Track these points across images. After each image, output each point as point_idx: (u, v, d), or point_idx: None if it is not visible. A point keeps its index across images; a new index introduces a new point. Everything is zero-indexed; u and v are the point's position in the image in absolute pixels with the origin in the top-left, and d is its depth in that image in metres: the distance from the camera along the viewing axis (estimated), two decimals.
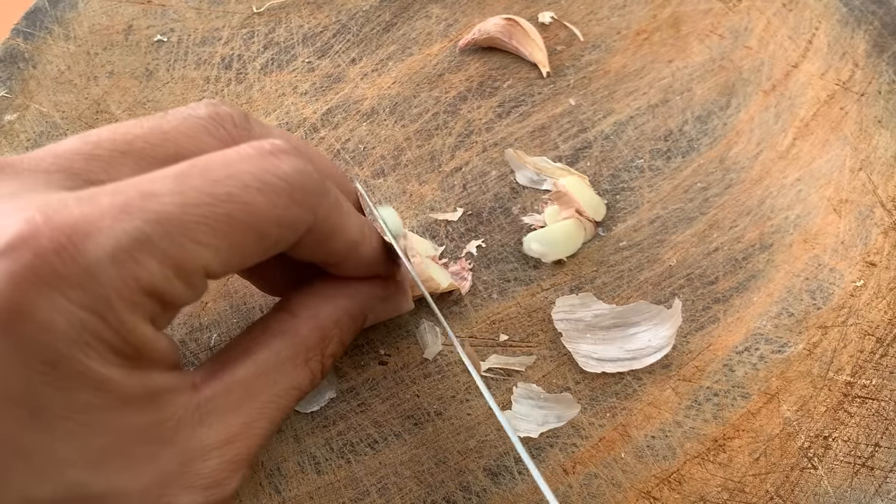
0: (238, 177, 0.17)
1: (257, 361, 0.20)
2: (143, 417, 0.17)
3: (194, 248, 0.16)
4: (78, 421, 0.16)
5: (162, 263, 0.16)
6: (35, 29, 0.35)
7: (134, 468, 0.17)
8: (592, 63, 0.35)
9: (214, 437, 0.19)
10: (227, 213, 0.17)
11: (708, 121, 0.33)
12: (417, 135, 0.33)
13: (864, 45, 0.34)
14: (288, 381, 0.21)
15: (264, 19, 0.36)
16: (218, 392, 0.19)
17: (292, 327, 0.22)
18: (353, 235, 0.21)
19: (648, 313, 0.28)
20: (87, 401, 0.16)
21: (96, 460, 0.16)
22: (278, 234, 0.18)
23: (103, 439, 0.16)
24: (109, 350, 0.16)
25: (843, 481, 0.25)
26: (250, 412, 0.20)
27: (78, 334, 0.15)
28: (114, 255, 0.15)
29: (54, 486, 0.16)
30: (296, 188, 0.18)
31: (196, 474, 0.18)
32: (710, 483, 0.26)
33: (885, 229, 0.30)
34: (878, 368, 0.27)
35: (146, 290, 0.16)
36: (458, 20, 0.36)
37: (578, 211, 0.30)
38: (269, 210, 0.18)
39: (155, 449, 0.18)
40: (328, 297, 0.23)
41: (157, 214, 0.16)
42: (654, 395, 0.27)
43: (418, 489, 0.25)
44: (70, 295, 0.15)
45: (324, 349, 0.22)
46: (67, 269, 0.15)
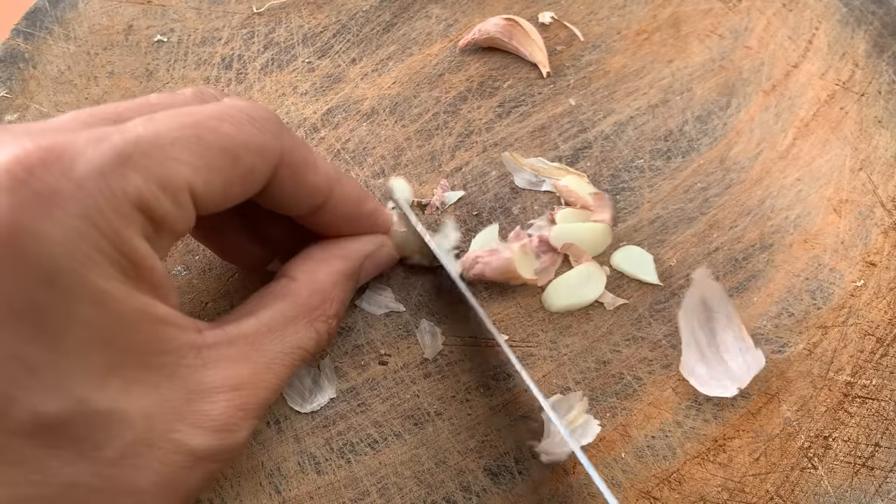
0: (204, 111, 0.19)
1: (262, 319, 0.21)
2: (144, 343, 0.18)
3: (173, 164, 0.18)
4: (80, 336, 0.16)
5: (146, 178, 0.17)
6: (35, 29, 0.35)
7: (136, 392, 0.17)
8: (592, 63, 0.35)
9: (220, 381, 0.19)
10: (197, 134, 0.18)
11: (708, 121, 0.33)
12: (417, 135, 0.33)
13: (864, 45, 0.34)
14: (294, 340, 0.22)
15: (264, 19, 0.36)
16: (222, 341, 0.20)
17: (293, 290, 0.23)
18: (329, 171, 0.23)
19: None
20: (89, 316, 0.16)
21: (99, 378, 0.17)
22: (251, 160, 0.20)
23: (105, 357, 0.17)
24: (108, 262, 0.17)
25: (844, 481, 0.25)
26: (257, 365, 0.20)
27: (74, 245, 0.16)
28: (100, 169, 0.16)
29: (61, 401, 0.16)
30: (256, 118, 0.20)
31: (205, 415, 0.19)
32: (710, 483, 0.26)
33: (885, 229, 0.30)
34: (878, 368, 0.27)
35: (135, 202, 0.17)
36: (458, 20, 0.36)
37: (585, 206, 0.30)
38: (236, 134, 0.19)
39: (156, 378, 0.18)
40: (323, 261, 0.24)
41: (134, 136, 0.17)
42: (654, 395, 0.27)
43: (418, 489, 0.25)
44: (64, 206, 0.16)
45: (326, 310, 0.23)
46: (59, 184, 0.16)
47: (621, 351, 0.28)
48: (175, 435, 0.18)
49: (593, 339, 0.28)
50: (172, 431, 0.18)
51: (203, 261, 0.29)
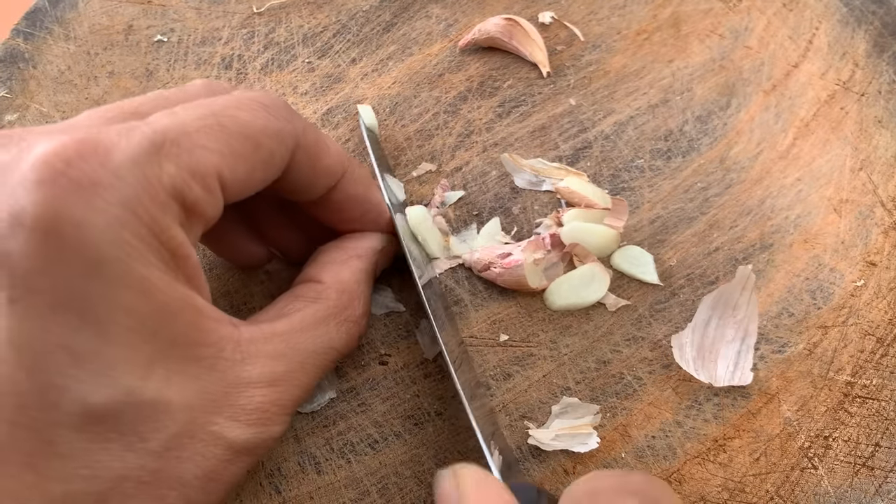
0: (220, 102, 0.20)
1: (293, 321, 0.22)
2: (186, 334, 0.18)
3: (202, 152, 0.18)
4: (124, 325, 0.16)
5: (178, 166, 0.18)
6: (35, 29, 0.35)
7: (178, 383, 0.18)
8: (593, 63, 0.35)
9: (258, 376, 0.20)
10: (219, 122, 0.19)
11: (708, 121, 0.33)
12: (418, 135, 0.33)
13: (864, 45, 0.34)
14: (326, 340, 0.22)
15: (264, 19, 0.36)
16: (258, 337, 0.20)
17: (322, 292, 0.23)
18: (340, 153, 0.24)
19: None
20: (132, 303, 0.17)
21: (144, 367, 0.17)
22: (270, 145, 0.20)
23: (149, 347, 0.17)
24: (148, 250, 0.17)
25: (844, 481, 0.25)
26: (292, 363, 0.21)
27: (116, 233, 0.16)
28: (136, 158, 0.17)
29: (110, 391, 0.16)
30: (268, 106, 0.21)
31: (242, 408, 0.19)
32: (711, 483, 0.26)
33: (886, 229, 0.30)
34: (878, 368, 0.27)
35: (169, 190, 0.17)
36: (459, 20, 0.36)
37: (589, 204, 0.30)
38: (253, 120, 0.20)
39: (197, 370, 0.18)
40: (344, 262, 0.25)
41: (162, 127, 0.18)
42: (654, 395, 0.27)
43: (419, 489, 0.25)
44: (104, 196, 0.16)
45: (356, 309, 0.24)
46: (98, 174, 0.16)
47: (621, 351, 0.28)
48: (214, 427, 0.18)
49: (593, 339, 0.28)
50: (212, 424, 0.18)
51: (204, 261, 0.29)
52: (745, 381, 0.26)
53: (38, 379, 0.15)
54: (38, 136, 0.17)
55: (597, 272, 0.29)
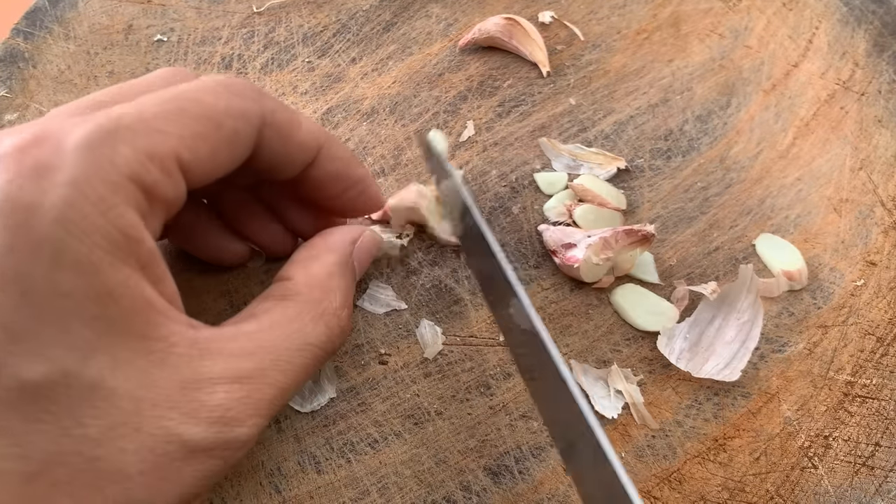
0: (183, 87, 0.20)
1: (262, 321, 0.21)
2: (130, 322, 0.17)
3: (158, 135, 0.18)
4: (64, 306, 0.16)
5: (133, 149, 0.18)
6: (35, 29, 0.35)
7: (123, 372, 0.17)
8: (592, 63, 0.35)
9: (220, 372, 0.19)
10: (179, 107, 0.19)
11: (708, 120, 0.33)
12: (418, 135, 0.33)
13: (864, 45, 0.34)
14: (300, 337, 0.21)
15: (264, 19, 0.36)
16: (218, 337, 0.19)
17: (291, 288, 0.23)
18: (314, 129, 0.23)
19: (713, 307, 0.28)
20: (71, 284, 0.16)
21: (83, 351, 0.17)
22: (233, 124, 0.20)
23: (90, 331, 0.17)
24: (96, 231, 0.17)
25: (844, 480, 0.25)
26: (262, 361, 0.20)
27: (60, 211, 0.16)
28: (88, 142, 0.17)
29: (45, 368, 0.16)
30: (231, 86, 0.21)
31: (201, 405, 0.18)
32: (711, 482, 0.26)
33: (886, 229, 0.30)
34: (878, 368, 0.27)
35: (124, 172, 0.17)
36: (459, 20, 0.36)
37: (602, 203, 0.30)
38: (215, 102, 0.20)
39: (145, 363, 0.18)
40: (313, 258, 0.24)
41: (118, 114, 0.18)
42: (654, 395, 0.27)
43: (418, 489, 0.25)
44: (52, 177, 0.16)
45: (332, 302, 0.23)
46: (48, 158, 0.17)
47: (621, 351, 0.28)
48: (166, 423, 0.18)
49: (593, 338, 0.28)
50: (163, 419, 0.18)
51: (202, 261, 0.29)
52: (732, 378, 0.26)
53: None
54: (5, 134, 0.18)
55: (666, 307, 0.29)
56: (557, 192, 0.31)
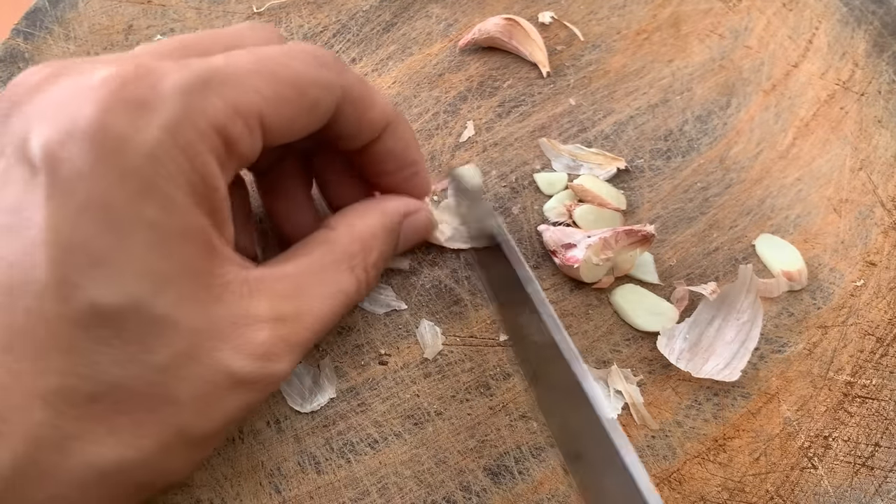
0: (276, 50, 0.21)
1: (301, 264, 0.22)
2: (198, 261, 0.19)
3: (249, 92, 0.19)
4: (143, 237, 0.17)
5: (224, 101, 0.19)
6: (35, 29, 0.35)
7: (187, 306, 0.18)
8: (592, 63, 0.35)
9: (265, 311, 0.20)
10: (271, 69, 0.20)
11: (708, 120, 0.33)
12: (418, 134, 0.33)
13: (864, 45, 0.34)
14: (335, 284, 0.23)
15: (264, 19, 0.36)
16: (266, 277, 0.21)
17: (333, 237, 0.24)
18: (386, 107, 0.24)
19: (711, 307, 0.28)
20: (153, 217, 0.18)
21: (155, 284, 0.18)
22: (316, 93, 0.21)
23: (163, 264, 0.18)
24: (178, 172, 0.18)
25: (844, 481, 0.25)
26: (300, 303, 0.21)
27: (152, 150, 0.17)
28: (184, 88, 0.18)
29: (119, 295, 0.17)
30: (319, 57, 0.22)
31: (248, 341, 0.19)
32: (711, 483, 0.26)
33: (885, 229, 0.30)
34: (878, 368, 0.27)
35: (212, 122, 0.19)
36: (459, 20, 0.36)
37: (602, 203, 0.30)
38: (305, 70, 0.21)
39: (206, 297, 0.19)
40: (362, 214, 0.25)
41: (215, 66, 0.19)
42: (654, 395, 0.27)
43: (418, 489, 0.25)
44: (148, 116, 0.17)
45: (366, 257, 0.24)
46: (146, 95, 0.18)
47: (621, 351, 0.28)
48: (218, 354, 0.19)
49: (593, 338, 0.28)
50: (216, 350, 0.19)
51: None
52: (731, 378, 0.26)
53: (56, 272, 0.17)
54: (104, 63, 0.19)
55: (666, 307, 0.29)
56: (557, 192, 0.31)
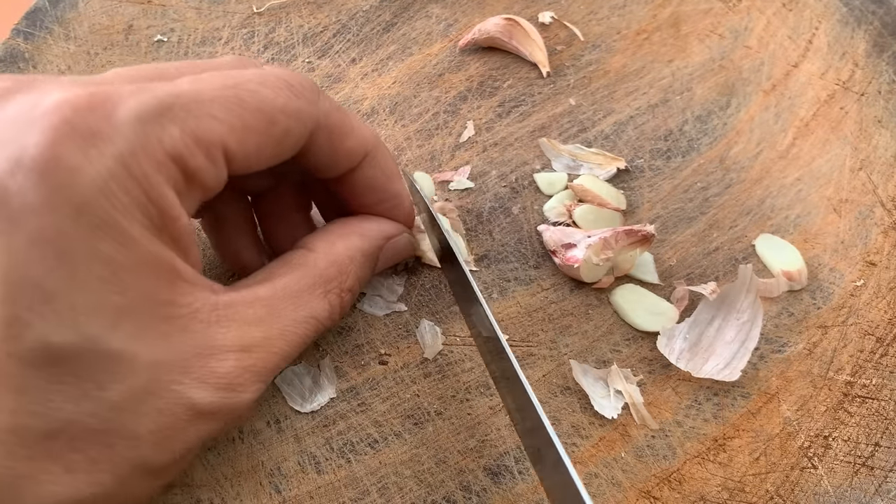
0: (245, 75, 0.20)
1: (277, 287, 0.22)
2: (159, 292, 0.18)
3: (211, 121, 0.19)
4: (97, 273, 0.17)
5: (183, 130, 0.18)
6: (35, 29, 0.35)
7: (147, 339, 0.18)
8: (592, 63, 0.35)
9: (231, 340, 0.20)
10: (238, 95, 0.19)
11: (708, 120, 0.33)
12: (418, 134, 0.33)
13: (864, 45, 0.34)
14: (307, 309, 0.22)
15: (264, 19, 0.36)
16: (237, 301, 0.20)
17: (311, 260, 0.23)
18: (365, 135, 0.24)
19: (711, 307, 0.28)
20: (108, 253, 0.17)
21: (111, 318, 0.17)
22: (286, 122, 0.20)
23: (119, 298, 0.17)
24: (134, 205, 0.17)
25: (844, 481, 0.25)
26: (270, 329, 0.21)
27: (104, 182, 0.17)
28: (140, 116, 0.17)
29: (72, 334, 0.16)
30: (293, 84, 0.21)
31: (211, 371, 0.19)
32: (711, 482, 0.26)
33: (885, 229, 0.30)
34: (878, 368, 0.27)
35: (169, 152, 0.18)
36: (459, 20, 0.36)
37: (602, 203, 0.30)
38: (274, 97, 0.20)
39: (168, 329, 0.18)
40: (342, 236, 0.24)
41: (176, 90, 0.18)
42: (654, 395, 0.27)
43: (418, 489, 0.25)
44: (100, 147, 0.17)
45: (342, 283, 0.23)
46: (100, 125, 0.17)
47: (621, 351, 0.28)
48: (178, 387, 0.18)
49: (593, 338, 0.28)
50: (176, 383, 0.18)
51: (203, 261, 0.29)
52: (731, 378, 0.26)
53: (6, 310, 0.16)
54: (58, 85, 0.18)
55: (666, 307, 0.29)
56: (557, 192, 0.31)
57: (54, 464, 0.17)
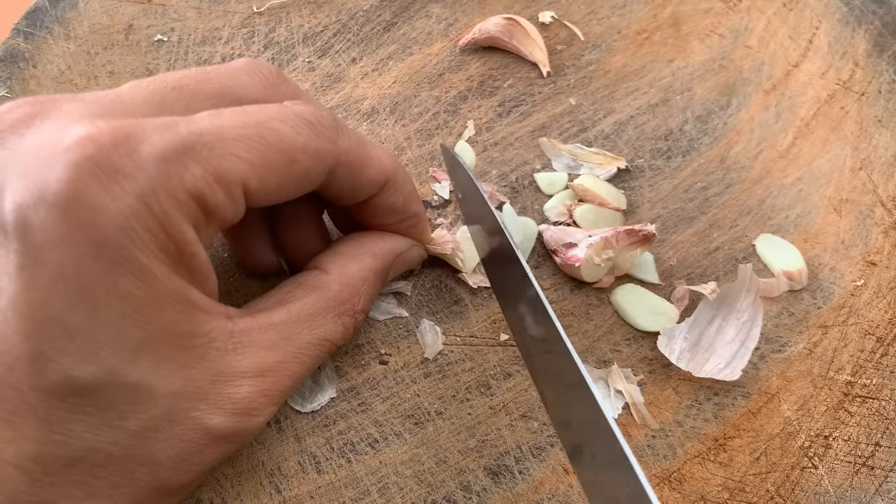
0: (265, 112, 0.20)
1: (292, 311, 0.22)
2: (178, 324, 0.19)
3: (232, 159, 0.19)
4: (118, 308, 0.17)
5: (204, 169, 0.18)
6: (35, 28, 0.35)
7: (165, 370, 0.18)
8: (593, 63, 0.35)
9: (247, 367, 0.20)
10: (259, 134, 0.19)
11: (708, 120, 0.33)
12: (418, 134, 0.33)
13: (864, 45, 0.34)
14: (321, 332, 0.23)
15: (264, 19, 0.36)
16: (252, 328, 0.21)
17: (325, 283, 0.23)
18: (385, 164, 0.24)
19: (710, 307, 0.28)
20: (128, 289, 0.17)
21: (132, 352, 0.18)
22: (307, 162, 0.21)
23: (139, 332, 0.18)
24: (154, 242, 0.17)
25: (844, 480, 0.25)
26: (285, 354, 0.21)
27: (125, 220, 0.17)
28: (163, 155, 0.17)
29: (93, 368, 0.17)
30: (314, 122, 0.21)
31: (227, 398, 0.20)
32: (711, 482, 0.26)
33: (886, 229, 0.30)
34: (878, 368, 0.27)
35: (190, 191, 0.18)
36: (459, 20, 0.36)
37: (602, 203, 0.30)
38: (295, 136, 0.20)
39: (186, 359, 0.19)
40: (355, 256, 0.25)
41: (199, 129, 0.18)
42: (654, 395, 0.27)
43: (418, 489, 0.25)
44: (122, 184, 0.17)
45: (354, 305, 0.24)
46: (122, 162, 0.17)
47: (621, 351, 0.28)
48: (196, 413, 0.19)
49: (593, 338, 0.28)
50: (194, 410, 0.19)
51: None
52: (732, 378, 0.26)
53: (29, 345, 0.16)
54: (79, 111, 0.18)
55: (668, 307, 0.29)
56: (557, 192, 0.31)
57: (76, 489, 0.18)
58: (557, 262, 0.29)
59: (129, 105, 0.20)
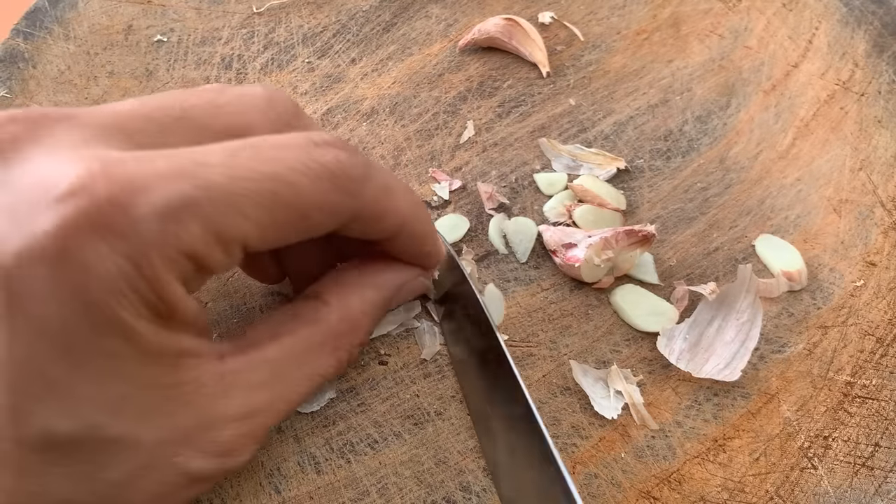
0: (286, 159, 0.18)
1: (285, 345, 0.21)
2: (165, 376, 0.18)
3: (237, 219, 0.17)
4: (102, 366, 0.17)
5: (205, 229, 0.17)
6: (35, 29, 0.35)
7: (150, 421, 0.18)
8: (592, 63, 0.35)
9: (235, 410, 0.19)
10: (273, 190, 0.18)
11: (708, 121, 0.33)
12: (417, 135, 0.33)
13: (864, 45, 0.34)
14: (314, 368, 0.22)
15: (264, 19, 0.36)
16: (244, 367, 0.20)
17: (324, 316, 0.22)
18: (404, 213, 0.22)
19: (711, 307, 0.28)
20: (114, 348, 0.17)
21: (114, 406, 0.17)
22: (319, 218, 0.19)
23: (123, 387, 0.17)
24: (141, 303, 0.17)
25: (843, 481, 0.25)
26: (273, 393, 0.20)
27: (114, 282, 0.16)
28: (162, 212, 0.16)
29: (74, 422, 0.17)
30: (338, 175, 0.19)
31: (211, 441, 0.19)
32: (710, 483, 0.26)
33: (885, 229, 0.30)
34: (878, 368, 0.27)
35: (185, 251, 0.17)
36: (458, 20, 0.36)
37: (601, 203, 0.30)
38: (313, 193, 0.18)
39: (172, 407, 0.18)
40: (357, 287, 0.23)
41: (206, 182, 0.17)
42: (654, 395, 0.27)
43: (418, 489, 0.25)
44: (114, 244, 0.16)
45: (352, 339, 0.23)
46: (116, 220, 0.16)
47: (621, 351, 0.28)
48: (178, 459, 0.18)
49: (593, 339, 0.28)
50: (176, 455, 0.18)
51: None
52: (732, 378, 0.26)
53: (9, 397, 0.16)
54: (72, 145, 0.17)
55: (667, 308, 0.28)
56: (557, 192, 0.31)
57: None
58: (557, 262, 0.29)
59: (128, 131, 0.18)
